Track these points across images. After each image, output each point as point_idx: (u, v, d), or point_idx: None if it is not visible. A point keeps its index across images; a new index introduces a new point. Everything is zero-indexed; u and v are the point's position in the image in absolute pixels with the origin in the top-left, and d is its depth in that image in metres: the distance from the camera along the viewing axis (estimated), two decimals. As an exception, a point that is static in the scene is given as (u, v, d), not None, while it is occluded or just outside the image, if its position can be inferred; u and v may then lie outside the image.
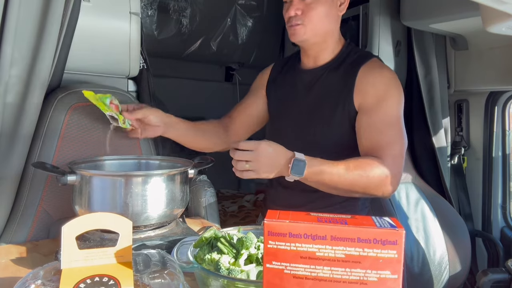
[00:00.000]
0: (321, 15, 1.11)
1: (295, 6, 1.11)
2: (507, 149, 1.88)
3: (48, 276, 0.56)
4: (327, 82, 1.17)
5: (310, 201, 1.20)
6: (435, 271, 1.62)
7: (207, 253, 0.67)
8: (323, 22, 1.13)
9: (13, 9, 0.90)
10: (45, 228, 1.02)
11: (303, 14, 1.10)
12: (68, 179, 0.85)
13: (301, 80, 1.22)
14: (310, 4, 1.10)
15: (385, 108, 1.08)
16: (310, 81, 1.20)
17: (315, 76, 1.19)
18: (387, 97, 1.09)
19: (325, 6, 1.11)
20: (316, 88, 1.18)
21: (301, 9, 1.11)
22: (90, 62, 1.21)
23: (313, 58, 1.20)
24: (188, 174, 0.97)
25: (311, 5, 1.10)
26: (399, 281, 0.48)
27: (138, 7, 1.26)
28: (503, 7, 0.85)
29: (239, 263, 0.65)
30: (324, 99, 1.16)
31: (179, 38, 2.28)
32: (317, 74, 1.19)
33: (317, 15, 1.11)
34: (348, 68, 1.15)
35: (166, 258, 0.64)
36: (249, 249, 0.67)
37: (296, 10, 1.10)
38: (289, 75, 1.27)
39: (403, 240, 0.47)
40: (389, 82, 1.12)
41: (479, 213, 1.91)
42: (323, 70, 1.18)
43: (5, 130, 0.97)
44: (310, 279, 0.49)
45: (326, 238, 0.48)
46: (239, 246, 0.67)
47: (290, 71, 1.28)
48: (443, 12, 1.50)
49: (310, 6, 1.10)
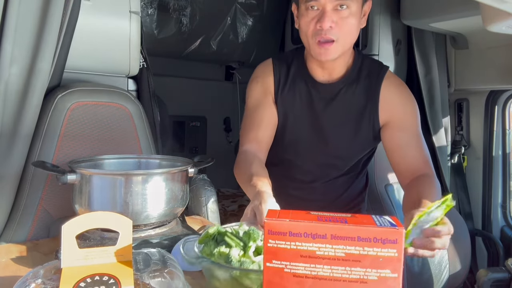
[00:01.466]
0: (353, 30, 1.02)
1: (330, 18, 0.97)
2: (507, 148, 1.89)
3: (48, 275, 0.56)
4: (348, 97, 1.15)
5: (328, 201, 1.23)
6: (435, 270, 1.62)
7: (213, 248, 0.67)
8: (353, 37, 1.05)
9: (13, 8, 0.90)
10: (45, 227, 1.02)
11: (338, 27, 0.99)
12: (68, 178, 0.85)
13: (318, 94, 1.16)
14: (347, 18, 0.99)
15: (413, 121, 1.13)
16: (329, 96, 1.15)
17: (333, 91, 1.15)
18: (412, 111, 1.14)
19: (357, 19, 1.02)
20: (336, 102, 1.15)
21: (335, 22, 0.99)
22: (90, 61, 1.21)
23: (328, 71, 1.13)
24: (188, 173, 0.97)
25: (348, 19, 0.99)
26: (399, 280, 0.48)
27: (138, 6, 1.26)
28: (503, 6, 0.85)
29: (249, 255, 0.65)
30: (347, 113, 1.16)
31: (179, 37, 2.28)
32: (335, 88, 1.15)
33: (350, 29, 1.01)
34: (367, 83, 1.15)
35: (166, 257, 0.64)
36: (256, 242, 0.67)
37: (331, 22, 0.98)
38: (301, 86, 1.17)
39: (403, 239, 0.47)
40: (411, 98, 1.16)
41: (479, 212, 1.91)
42: (341, 84, 1.14)
43: (5, 129, 0.97)
44: (310, 278, 0.49)
45: (326, 237, 0.48)
46: (246, 239, 0.67)
47: (300, 81, 1.18)
48: (443, 11, 1.50)
49: (346, 20, 0.99)
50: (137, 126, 1.18)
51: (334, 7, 0.98)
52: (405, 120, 1.12)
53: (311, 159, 1.02)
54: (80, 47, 1.15)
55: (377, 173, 1.64)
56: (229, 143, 2.78)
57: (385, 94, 1.13)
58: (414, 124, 1.13)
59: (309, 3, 0.99)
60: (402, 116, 1.12)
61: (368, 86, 1.14)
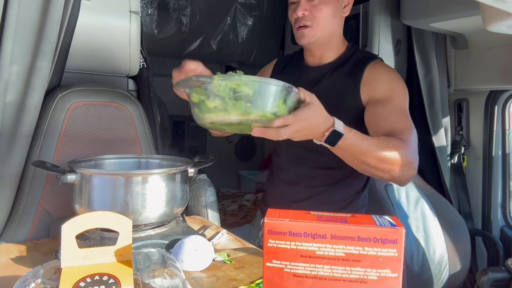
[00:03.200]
0: (328, 16, 1.13)
1: (302, 7, 1.12)
2: (507, 148, 1.89)
3: (48, 275, 0.56)
4: (333, 79, 1.19)
5: (312, 195, 1.21)
6: (435, 270, 1.62)
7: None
8: (330, 23, 1.15)
9: (13, 7, 0.89)
10: (45, 227, 1.02)
11: (311, 14, 1.12)
12: (68, 178, 0.85)
13: (306, 76, 1.23)
14: (318, 5, 1.12)
15: (397, 99, 1.10)
16: (315, 77, 1.21)
17: (321, 73, 1.21)
18: (397, 90, 1.12)
19: (332, 7, 1.13)
20: (321, 84, 1.19)
21: (308, 10, 1.12)
22: (90, 60, 1.21)
23: (318, 58, 1.23)
24: (188, 173, 0.97)
25: (319, 6, 1.12)
26: (399, 280, 0.48)
27: (138, 6, 1.26)
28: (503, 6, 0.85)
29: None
30: (330, 94, 1.16)
31: (179, 37, 2.28)
32: (322, 71, 1.21)
33: (324, 16, 1.13)
34: (353, 67, 1.17)
35: (166, 257, 0.64)
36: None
37: (304, 10, 1.12)
38: (293, 72, 1.28)
39: (403, 239, 0.47)
40: (397, 78, 1.15)
41: (479, 212, 1.91)
42: (329, 68, 1.20)
43: (5, 129, 0.97)
44: (310, 277, 0.49)
45: (326, 237, 0.48)
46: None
47: (294, 68, 1.29)
48: (443, 11, 1.50)
49: (317, 7, 1.12)
50: (137, 126, 1.18)
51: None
52: (387, 96, 1.10)
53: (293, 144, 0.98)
54: (80, 47, 1.15)
55: (377, 173, 1.63)
56: (229, 143, 2.78)
57: (368, 75, 1.14)
58: (398, 101, 1.09)
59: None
60: (384, 93, 1.11)
61: (353, 70, 1.17)
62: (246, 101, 0.70)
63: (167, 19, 2.21)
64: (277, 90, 0.72)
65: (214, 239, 0.98)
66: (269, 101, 0.72)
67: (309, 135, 0.84)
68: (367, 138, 0.93)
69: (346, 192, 1.23)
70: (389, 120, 1.06)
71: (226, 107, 0.70)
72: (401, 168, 0.97)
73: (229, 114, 0.71)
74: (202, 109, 0.74)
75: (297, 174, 1.25)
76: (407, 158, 0.97)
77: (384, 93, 1.11)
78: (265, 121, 0.74)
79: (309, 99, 0.81)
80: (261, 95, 0.70)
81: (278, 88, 0.72)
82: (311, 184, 1.22)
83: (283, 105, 0.74)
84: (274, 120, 0.74)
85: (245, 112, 0.70)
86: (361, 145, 0.91)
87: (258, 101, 0.70)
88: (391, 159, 0.94)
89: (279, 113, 0.74)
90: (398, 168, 0.96)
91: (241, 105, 0.70)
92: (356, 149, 0.91)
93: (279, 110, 0.74)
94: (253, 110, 0.71)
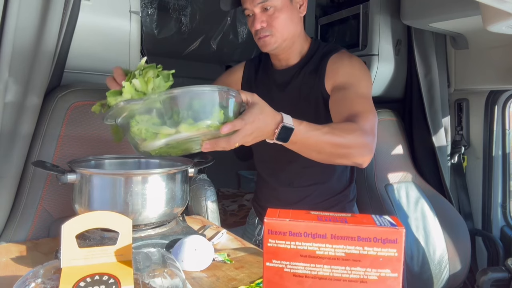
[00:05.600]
0: (286, 22, 1.14)
1: (259, 20, 1.13)
2: (507, 148, 1.89)
3: (48, 275, 0.56)
4: (299, 79, 1.20)
5: (305, 195, 1.22)
6: (435, 270, 1.62)
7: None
8: (289, 27, 1.15)
9: (13, 7, 0.89)
10: (45, 227, 1.02)
11: (269, 25, 1.13)
12: (68, 178, 0.85)
13: (274, 81, 1.25)
14: (273, 14, 1.12)
15: (358, 84, 1.09)
16: (284, 81, 1.23)
17: (288, 76, 1.22)
18: (359, 76, 1.11)
19: (287, 12, 1.13)
20: (290, 87, 1.21)
21: (265, 21, 1.13)
22: (90, 60, 1.21)
23: (285, 61, 1.23)
24: (188, 173, 0.97)
25: (274, 15, 1.12)
26: (399, 280, 0.48)
27: (138, 6, 1.26)
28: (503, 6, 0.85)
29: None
30: (299, 95, 1.19)
31: (179, 37, 2.28)
32: (289, 74, 1.22)
33: (281, 22, 1.13)
34: (317, 63, 1.18)
35: (166, 256, 0.64)
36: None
37: (261, 23, 1.12)
38: (262, 76, 1.29)
39: (403, 239, 0.47)
40: (359, 66, 1.15)
41: (479, 212, 1.91)
42: (295, 69, 1.21)
43: (5, 129, 0.97)
44: (310, 277, 0.49)
45: (326, 237, 0.48)
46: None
47: (263, 72, 1.30)
48: (443, 11, 1.50)
49: (273, 16, 1.12)
50: (137, 126, 1.17)
51: (261, 10, 1.12)
52: (348, 82, 1.09)
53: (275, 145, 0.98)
54: (80, 47, 1.15)
55: (377, 173, 1.64)
56: (229, 143, 2.77)
57: (331, 66, 1.15)
58: (358, 86, 1.09)
59: (245, 11, 1.17)
60: (345, 79, 1.11)
61: (317, 66, 1.17)
62: (187, 115, 0.69)
63: (167, 19, 2.21)
64: (215, 96, 0.71)
65: (214, 239, 0.98)
66: (213, 109, 0.70)
67: (261, 136, 0.82)
68: (319, 128, 0.91)
69: (334, 188, 1.25)
70: (348, 104, 1.05)
71: (173, 124, 0.69)
72: (358, 151, 0.95)
73: (179, 131, 0.69)
74: (148, 135, 0.71)
75: (286, 174, 1.26)
76: (362, 139, 0.95)
77: (345, 79, 1.11)
78: (213, 132, 0.71)
79: (251, 100, 0.80)
80: (201, 105, 0.70)
81: (215, 93, 0.71)
82: (304, 184, 1.23)
83: (227, 110, 0.72)
84: (222, 127, 0.71)
85: (192, 125, 0.69)
86: (314, 136, 0.89)
87: (200, 112, 0.69)
88: (346, 144, 0.93)
89: (226, 120, 0.72)
90: (356, 150, 0.95)
91: (185, 119, 0.69)
92: (310, 140, 0.89)
93: (225, 117, 0.72)
94: (198, 122, 0.69)
